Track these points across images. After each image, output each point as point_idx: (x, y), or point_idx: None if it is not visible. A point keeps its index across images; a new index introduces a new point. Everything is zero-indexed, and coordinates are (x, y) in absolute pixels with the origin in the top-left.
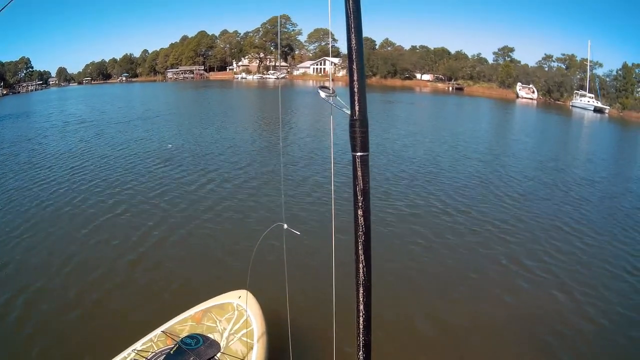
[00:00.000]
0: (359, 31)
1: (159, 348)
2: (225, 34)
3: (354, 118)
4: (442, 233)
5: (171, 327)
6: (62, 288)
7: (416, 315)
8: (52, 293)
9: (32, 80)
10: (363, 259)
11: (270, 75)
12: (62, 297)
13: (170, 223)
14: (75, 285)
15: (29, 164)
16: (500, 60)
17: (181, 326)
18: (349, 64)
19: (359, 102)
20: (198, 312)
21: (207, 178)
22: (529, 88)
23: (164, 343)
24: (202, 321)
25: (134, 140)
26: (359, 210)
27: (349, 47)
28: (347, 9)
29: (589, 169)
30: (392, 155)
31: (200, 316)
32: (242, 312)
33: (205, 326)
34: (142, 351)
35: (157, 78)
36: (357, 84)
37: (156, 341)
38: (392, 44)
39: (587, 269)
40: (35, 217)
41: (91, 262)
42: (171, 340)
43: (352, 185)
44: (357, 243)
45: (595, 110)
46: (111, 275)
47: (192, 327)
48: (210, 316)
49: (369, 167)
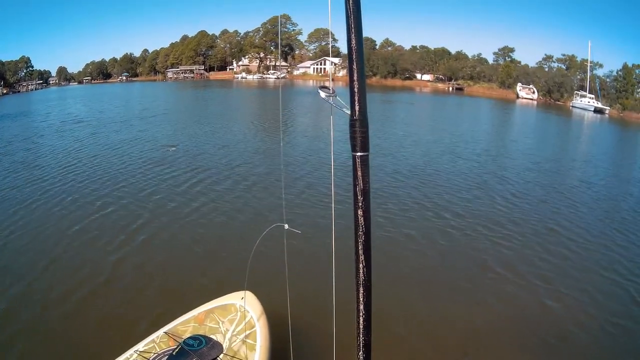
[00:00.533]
0: (359, 31)
1: (162, 349)
2: (226, 34)
3: (354, 118)
4: (432, 236)
5: (174, 328)
6: (63, 289)
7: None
8: (51, 294)
9: (32, 79)
10: (363, 259)
11: (270, 75)
12: (63, 298)
13: (171, 224)
14: (76, 286)
15: (23, 163)
16: (501, 60)
17: (184, 327)
18: (349, 64)
19: (359, 102)
20: (201, 313)
21: (207, 177)
22: (529, 88)
23: (166, 344)
24: (205, 322)
25: (131, 140)
26: (359, 210)
27: (349, 47)
28: (347, 9)
29: (587, 171)
30: (389, 157)
31: (203, 317)
32: (245, 313)
33: (208, 327)
34: (144, 352)
35: (157, 78)
36: (357, 84)
37: (158, 342)
38: (393, 44)
39: (581, 272)
40: (34, 217)
41: (91, 264)
42: (174, 342)
43: (352, 185)
44: (357, 243)
45: (595, 111)
46: (113, 276)
47: (195, 328)
48: (213, 317)
49: (369, 167)
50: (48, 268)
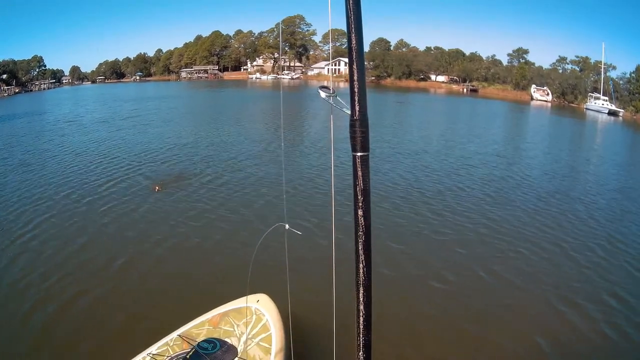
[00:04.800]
0: (359, 31)
1: (175, 352)
2: (240, 34)
3: (354, 118)
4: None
5: (188, 330)
6: (74, 292)
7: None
8: (64, 295)
9: (44, 78)
10: (363, 259)
11: (284, 75)
12: (74, 300)
13: (178, 225)
14: (91, 289)
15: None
16: (515, 62)
17: (198, 330)
18: (349, 64)
19: (359, 102)
20: (215, 315)
21: (209, 179)
22: (543, 90)
23: (180, 347)
24: (220, 325)
25: (140, 141)
26: (359, 210)
27: (349, 46)
28: (347, 8)
29: (607, 177)
30: (401, 163)
31: (218, 320)
32: (261, 316)
33: (223, 330)
34: (157, 355)
35: (171, 77)
36: (357, 84)
37: (172, 345)
38: (407, 44)
39: (585, 283)
40: (49, 213)
41: (104, 267)
42: (187, 344)
43: (352, 185)
44: (357, 243)
45: (609, 113)
46: (126, 278)
47: (209, 331)
48: (228, 320)
49: (369, 167)
50: (60, 268)
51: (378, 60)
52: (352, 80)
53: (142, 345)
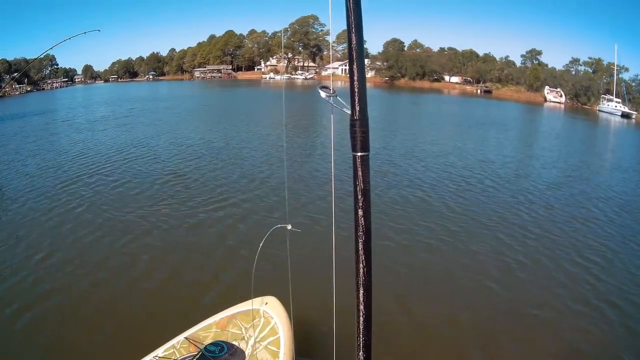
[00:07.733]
0: (359, 30)
1: (181, 355)
2: (254, 34)
3: (354, 118)
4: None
5: (194, 333)
6: (79, 294)
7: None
8: (69, 295)
9: (57, 77)
10: (363, 259)
11: (298, 75)
12: (79, 303)
13: (181, 225)
14: (94, 290)
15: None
16: (528, 63)
17: (205, 333)
18: (349, 63)
19: (359, 102)
20: (223, 318)
21: (208, 178)
22: (557, 92)
23: (186, 350)
24: (227, 328)
25: (146, 138)
26: (359, 210)
27: (350, 46)
28: (348, 7)
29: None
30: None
31: (225, 323)
32: (269, 319)
33: (230, 333)
34: (163, 358)
35: (184, 77)
36: (357, 84)
37: (179, 348)
38: (421, 45)
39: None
40: (54, 217)
41: (107, 268)
42: (194, 348)
43: (353, 185)
44: (357, 243)
45: (622, 116)
46: (130, 279)
47: (217, 334)
48: (236, 323)
49: (369, 167)
50: (64, 267)
51: (392, 60)
52: (352, 80)
53: (148, 348)
